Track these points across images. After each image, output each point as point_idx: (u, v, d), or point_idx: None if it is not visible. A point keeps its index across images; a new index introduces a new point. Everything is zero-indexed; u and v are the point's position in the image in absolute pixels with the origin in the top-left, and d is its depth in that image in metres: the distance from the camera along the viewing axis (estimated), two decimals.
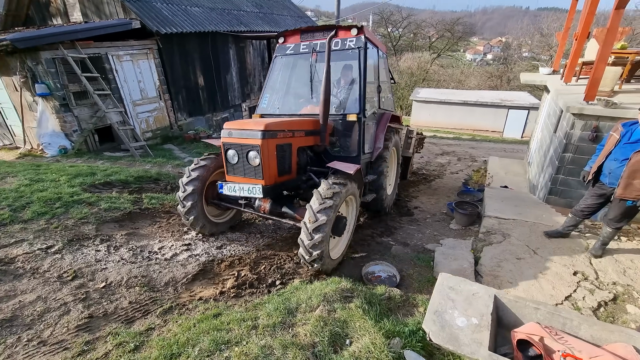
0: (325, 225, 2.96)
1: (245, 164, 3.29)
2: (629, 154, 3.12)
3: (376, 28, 38.28)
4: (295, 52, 4.29)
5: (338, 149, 4.12)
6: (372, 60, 4.40)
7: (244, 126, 3.29)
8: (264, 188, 3.25)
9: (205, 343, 2.17)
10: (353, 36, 3.99)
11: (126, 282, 3.04)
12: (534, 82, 8.50)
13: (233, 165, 3.40)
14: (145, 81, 8.70)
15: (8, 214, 3.74)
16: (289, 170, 3.60)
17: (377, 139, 4.47)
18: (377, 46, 4.50)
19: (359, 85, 3.94)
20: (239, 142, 3.26)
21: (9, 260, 3.12)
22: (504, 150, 11.55)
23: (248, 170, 3.31)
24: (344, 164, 3.39)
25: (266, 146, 3.18)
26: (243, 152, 3.27)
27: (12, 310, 2.55)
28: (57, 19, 9.71)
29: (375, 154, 4.40)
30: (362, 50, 3.93)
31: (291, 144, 3.53)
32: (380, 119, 4.66)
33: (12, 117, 7.72)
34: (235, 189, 3.38)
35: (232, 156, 3.36)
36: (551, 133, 5.63)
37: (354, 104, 4.03)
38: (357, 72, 3.99)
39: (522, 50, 34.56)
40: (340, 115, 4.04)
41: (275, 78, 4.57)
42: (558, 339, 1.86)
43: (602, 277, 3.36)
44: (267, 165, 3.24)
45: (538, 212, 4.79)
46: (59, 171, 5.31)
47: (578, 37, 6.38)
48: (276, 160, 3.35)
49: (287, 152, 3.51)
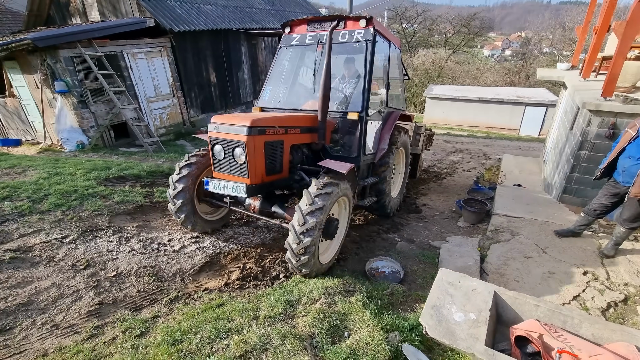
0: (315, 228, 2.77)
1: (231, 160, 3.13)
2: None
3: (390, 24, 37.82)
4: (301, 43, 4.06)
5: (339, 148, 3.92)
6: (382, 54, 4.19)
7: (231, 120, 3.09)
8: (248, 187, 3.09)
9: (207, 331, 2.24)
10: (361, 28, 3.76)
11: (136, 271, 3.15)
12: (550, 78, 8.24)
13: (220, 162, 3.24)
14: (159, 78, 8.90)
15: (27, 205, 3.92)
16: (280, 169, 3.40)
17: (381, 140, 4.23)
18: (388, 39, 4.23)
19: (364, 82, 3.73)
20: (225, 138, 3.08)
21: (27, 248, 3.29)
22: (520, 148, 11.26)
23: (234, 167, 3.15)
24: (337, 163, 3.20)
25: (252, 143, 2.99)
26: (229, 148, 3.09)
27: (28, 295, 2.69)
28: (76, 18, 10.03)
29: (379, 155, 4.18)
30: (370, 43, 3.71)
31: (283, 142, 3.33)
32: (388, 118, 4.41)
33: (34, 114, 8.05)
34: (220, 187, 3.24)
35: (218, 152, 3.19)
36: (567, 130, 5.46)
37: (357, 102, 3.82)
38: (362, 67, 3.78)
39: (542, 46, 33.47)
40: (341, 112, 3.84)
41: (278, 70, 4.37)
42: (557, 336, 1.83)
43: (613, 277, 3.26)
44: (253, 163, 3.06)
45: (550, 211, 4.67)
46: (76, 165, 5.52)
47: (597, 31, 6.14)
48: (264, 158, 3.15)
49: (277, 150, 3.31)
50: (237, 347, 2.06)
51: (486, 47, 54.89)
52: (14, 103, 8.37)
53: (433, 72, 26.53)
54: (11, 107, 8.58)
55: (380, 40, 3.97)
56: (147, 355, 2.05)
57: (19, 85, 7.93)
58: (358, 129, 3.74)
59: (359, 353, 2.04)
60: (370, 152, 4.07)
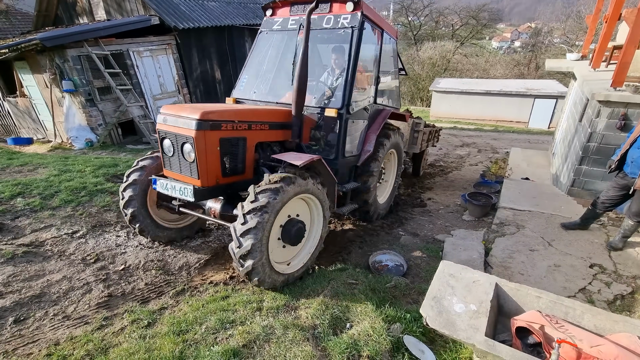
0: (257, 229, 2.36)
1: (181, 158, 2.73)
2: None
3: (396, 17, 37.32)
4: (283, 27, 3.63)
5: (317, 147, 3.50)
6: (373, 44, 3.80)
7: (180, 112, 2.69)
8: (196, 190, 2.68)
9: (211, 322, 2.29)
10: (348, 12, 3.32)
11: (143, 265, 3.23)
12: (560, 69, 8.07)
13: (169, 158, 2.86)
14: (165, 76, 8.99)
15: (39, 202, 4.03)
16: (242, 169, 2.98)
17: (367, 141, 3.79)
18: (380, 27, 3.81)
19: (347, 75, 3.30)
20: (173, 131, 2.69)
21: (39, 243, 3.39)
22: (528, 142, 11.10)
23: (184, 165, 2.76)
24: (294, 155, 2.84)
25: (203, 139, 2.58)
26: (178, 143, 2.71)
27: (40, 287, 2.78)
28: (83, 17, 10.17)
29: (363, 157, 3.76)
30: (357, 30, 3.26)
31: (246, 138, 2.92)
32: (376, 117, 3.98)
33: (44, 113, 8.23)
34: (167, 187, 2.84)
35: (167, 147, 2.81)
36: (576, 122, 5.37)
37: (336, 97, 3.42)
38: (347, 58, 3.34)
39: (552, 36, 32.70)
40: (319, 108, 3.43)
41: (257, 57, 3.94)
42: (559, 327, 1.82)
43: (621, 270, 3.22)
44: (204, 162, 2.65)
45: (557, 204, 4.62)
46: (85, 162, 5.64)
47: (608, 20, 5.99)
48: (219, 156, 2.74)
49: (238, 148, 2.89)
50: (240, 337, 2.11)
51: (495, 38, 53.84)
52: (25, 102, 8.56)
53: (440, 66, 26.17)
54: (22, 107, 8.78)
55: (370, 28, 3.60)
56: (154, 344, 2.11)
57: (29, 85, 8.10)
58: (336, 127, 3.32)
59: (360, 343, 2.07)
60: (351, 154, 3.67)
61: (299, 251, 3.03)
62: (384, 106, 4.23)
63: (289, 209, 2.75)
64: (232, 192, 2.99)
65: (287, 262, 2.95)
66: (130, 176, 3.18)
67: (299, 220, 2.84)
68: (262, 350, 2.03)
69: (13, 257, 3.08)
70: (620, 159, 3.32)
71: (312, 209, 3.06)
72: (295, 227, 2.76)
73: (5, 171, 5.18)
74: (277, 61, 3.97)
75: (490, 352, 1.70)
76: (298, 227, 2.79)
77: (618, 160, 3.32)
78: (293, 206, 2.81)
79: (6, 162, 5.56)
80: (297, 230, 2.78)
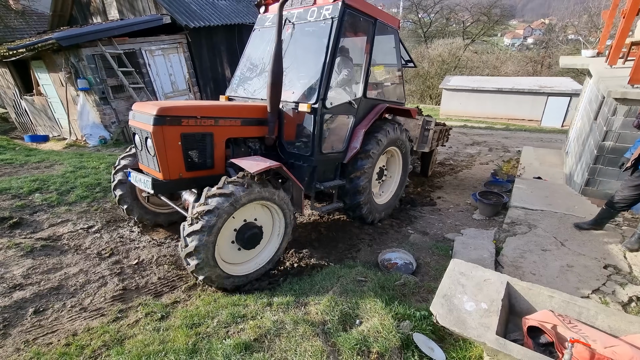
0: (202, 232, 2.41)
1: (146, 152, 2.87)
2: None
3: (406, 14, 36.96)
4: (274, 23, 3.46)
5: (300, 144, 3.45)
6: (362, 35, 3.66)
7: (144, 108, 2.79)
8: (155, 182, 2.80)
9: (223, 316, 2.34)
10: (330, 3, 3.22)
11: (156, 260, 3.30)
12: (574, 65, 7.90)
13: (139, 152, 3.02)
14: (176, 74, 9.11)
15: (56, 197, 4.14)
16: (211, 164, 3.03)
17: (353, 137, 3.63)
18: (373, 17, 3.59)
19: (323, 67, 3.14)
20: (139, 127, 2.83)
21: (57, 237, 3.49)
22: (541, 140, 10.90)
23: (149, 159, 2.88)
24: (252, 160, 2.80)
25: (161, 134, 2.67)
26: (143, 138, 2.84)
27: (58, 280, 2.87)
28: (96, 17, 10.36)
29: (349, 154, 3.59)
30: (337, 20, 3.13)
31: (212, 134, 2.96)
32: (367, 112, 3.80)
33: (60, 111, 8.43)
34: (136, 179, 2.99)
35: (138, 142, 2.95)
36: (591, 120, 5.26)
37: (311, 91, 3.26)
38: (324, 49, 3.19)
39: (567, 33, 31.95)
40: (293, 103, 3.32)
41: (250, 55, 3.95)
42: (572, 327, 1.81)
43: (636, 271, 3.15)
44: (164, 156, 2.74)
45: (570, 204, 4.54)
46: (99, 159, 5.77)
47: (626, 14, 5.83)
48: (181, 151, 2.81)
49: (204, 143, 2.94)
50: (251, 331, 2.14)
51: (507, 35, 52.83)
52: (41, 101, 8.78)
53: (450, 64, 25.84)
54: (39, 105, 9.01)
55: (358, 18, 3.45)
56: (168, 336, 2.16)
57: (45, 84, 8.31)
58: (311, 123, 3.23)
59: (369, 340, 2.08)
60: (333, 151, 3.56)
61: (256, 254, 3.02)
62: (378, 100, 4.04)
63: (245, 213, 2.76)
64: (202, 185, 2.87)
65: (242, 264, 2.94)
66: (122, 161, 3.43)
67: (255, 226, 2.85)
68: (273, 345, 2.06)
69: (32, 251, 3.19)
70: (637, 158, 3.24)
71: (274, 215, 3.03)
72: (250, 231, 2.79)
73: (23, 167, 5.34)
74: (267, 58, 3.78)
75: (502, 351, 1.70)
76: (253, 232, 2.81)
77: (635, 159, 3.24)
78: (251, 211, 2.82)
79: (24, 158, 5.73)
80: (251, 235, 2.80)
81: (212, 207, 2.43)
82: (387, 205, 4.41)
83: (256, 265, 2.97)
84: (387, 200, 4.41)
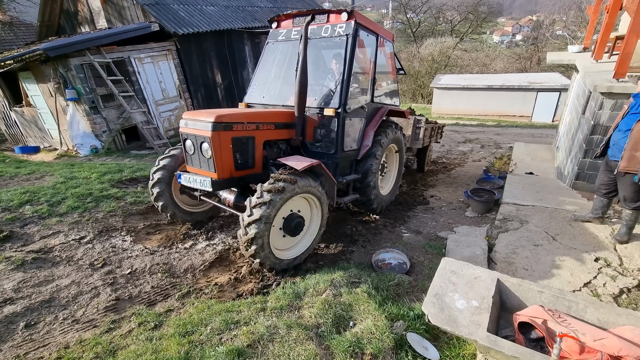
0: (260, 221, 2.77)
1: (200, 155, 3.22)
2: (632, 124, 3.01)
3: (395, 15, 37.21)
4: (287, 38, 4.06)
5: (320, 144, 3.88)
6: (369, 49, 4.10)
7: (198, 116, 3.18)
8: (213, 182, 3.17)
9: (216, 323, 2.33)
10: (343, 22, 3.69)
11: (149, 269, 3.28)
12: (561, 61, 8.01)
13: (190, 156, 3.36)
14: (166, 81, 9.08)
15: (46, 209, 4.10)
16: (252, 164, 3.43)
17: (365, 136, 4.13)
18: (375, 33, 4.12)
19: (342, 77, 3.65)
20: (193, 133, 3.19)
21: (48, 249, 3.45)
22: (532, 136, 11.02)
23: (202, 161, 3.25)
24: (297, 159, 3.22)
25: (218, 138, 3.05)
26: (197, 143, 3.19)
27: (50, 292, 2.84)
28: (84, 26, 10.30)
29: (363, 152, 4.09)
30: (351, 37, 3.62)
31: (254, 137, 3.36)
32: (374, 115, 4.29)
33: (49, 122, 8.35)
34: (190, 180, 3.35)
35: (189, 147, 3.31)
36: (579, 115, 5.33)
37: (334, 98, 3.75)
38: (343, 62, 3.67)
39: (555, 28, 32.36)
40: (319, 109, 3.79)
41: (264, 66, 4.39)
42: (561, 322, 1.83)
43: (626, 263, 3.20)
44: (219, 158, 3.12)
45: (561, 198, 4.59)
46: (91, 169, 5.72)
47: (609, 10, 5.94)
48: (232, 153, 3.19)
49: (248, 146, 3.35)
50: (245, 337, 2.13)
51: (496, 32, 53.40)
52: (31, 112, 8.70)
53: (440, 62, 26.05)
54: (29, 116, 8.92)
55: (365, 34, 3.91)
56: (161, 346, 2.15)
57: (34, 95, 8.24)
58: (335, 125, 3.70)
59: (363, 341, 2.09)
60: (351, 149, 4.00)
61: (298, 241, 3.40)
62: (382, 104, 4.47)
63: (291, 205, 3.13)
64: (244, 184, 3.47)
65: (287, 250, 3.32)
66: (161, 162, 3.73)
67: (299, 215, 3.21)
68: (266, 350, 2.05)
69: (23, 264, 3.15)
70: (605, 144, 3.40)
71: (312, 206, 3.41)
72: (295, 220, 3.15)
73: (13, 180, 5.28)
74: (283, 68, 4.33)
75: (493, 348, 1.71)
76: (297, 221, 3.18)
77: (603, 145, 3.42)
78: (295, 203, 3.18)
79: (14, 170, 5.67)
80: (296, 224, 3.17)
81: (268, 199, 2.80)
82: (390, 194, 4.91)
83: (298, 251, 3.35)
84: (389, 191, 4.91)
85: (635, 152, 2.99)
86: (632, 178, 3.09)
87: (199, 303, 2.72)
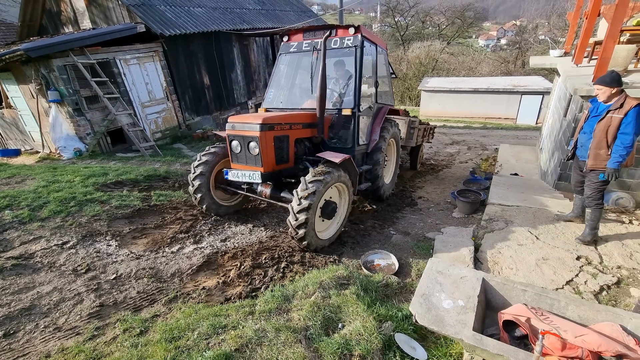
0: (309, 208, 3.25)
1: (247, 153, 3.69)
2: (594, 125, 3.26)
3: (383, 18, 37.62)
4: (298, 49, 4.60)
5: (336, 140, 4.42)
6: (370, 57, 4.65)
7: (245, 120, 3.68)
8: (262, 174, 3.66)
9: (204, 327, 2.29)
10: (350, 35, 4.24)
11: (135, 273, 3.21)
12: (543, 65, 8.23)
13: (237, 155, 3.82)
14: (153, 83, 8.94)
15: (27, 213, 3.98)
16: (287, 159, 3.94)
17: (373, 132, 4.72)
18: (375, 43, 4.72)
19: (355, 82, 4.20)
20: (241, 134, 3.65)
21: (29, 255, 3.35)
22: (517, 138, 11.27)
23: (249, 158, 3.72)
24: (332, 154, 3.68)
25: (264, 137, 3.54)
26: (245, 142, 3.66)
27: (30, 300, 2.75)
28: (68, 27, 10.06)
29: (372, 145, 4.66)
30: (359, 48, 4.17)
31: (288, 136, 3.86)
32: (377, 113, 4.89)
33: (31, 124, 8.11)
34: (238, 175, 3.82)
35: (235, 146, 3.78)
36: (561, 117, 5.48)
37: (350, 99, 4.32)
38: (353, 69, 4.25)
39: (538, 33, 33.30)
40: (337, 109, 4.35)
41: (279, 74, 4.93)
42: (544, 319, 1.87)
43: (606, 261, 3.30)
44: (265, 154, 3.61)
45: (544, 198, 4.71)
46: (74, 172, 5.57)
47: (588, 16, 6.14)
48: (274, 150, 3.69)
49: (284, 143, 3.84)
50: (232, 341, 2.11)
51: (482, 37, 54.62)
52: (12, 114, 8.43)
53: (427, 65, 26.46)
54: (9, 118, 8.64)
55: (368, 45, 4.45)
56: (146, 352, 2.11)
57: (14, 96, 7.99)
58: (352, 123, 4.24)
59: (351, 343, 2.09)
60: (363, 143, 4.55)
61: (331, 223, 3.92)
62: (383, 104, 5.10)
63: (327, 193, 3.64)
64: (279, 178, 4.02)
65: (324, 231, 3.81)
66: (203, 157, 4.17)
67: (333, 202, 3.75)
68: (254, 354, 2.04)
69: (1, 271, 3.04)
70: (574, 146, 3.62)
71: (341, 193, 3.94)
72: (330, 206, 3.68)
73: None
74: (297, 76, 4.97)
75: (478, 346, 1.74)
76: (333, 207, 3.72)
77: (573, 148, 3.64)
78: (329, 191, 3.69)
79: None
80: (332, 209, 3.71)
81: (314, 189, 3.28)
82: (391, 183, 5.54)
83: (332, 232, 3.87)
84: (390, 179, 5.54)
85: (599, 151, 3.24)
86: (598, 176, 3.31)
87: (186, 308, 2.68)
